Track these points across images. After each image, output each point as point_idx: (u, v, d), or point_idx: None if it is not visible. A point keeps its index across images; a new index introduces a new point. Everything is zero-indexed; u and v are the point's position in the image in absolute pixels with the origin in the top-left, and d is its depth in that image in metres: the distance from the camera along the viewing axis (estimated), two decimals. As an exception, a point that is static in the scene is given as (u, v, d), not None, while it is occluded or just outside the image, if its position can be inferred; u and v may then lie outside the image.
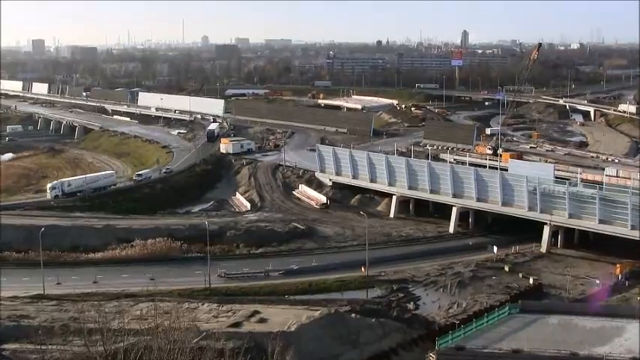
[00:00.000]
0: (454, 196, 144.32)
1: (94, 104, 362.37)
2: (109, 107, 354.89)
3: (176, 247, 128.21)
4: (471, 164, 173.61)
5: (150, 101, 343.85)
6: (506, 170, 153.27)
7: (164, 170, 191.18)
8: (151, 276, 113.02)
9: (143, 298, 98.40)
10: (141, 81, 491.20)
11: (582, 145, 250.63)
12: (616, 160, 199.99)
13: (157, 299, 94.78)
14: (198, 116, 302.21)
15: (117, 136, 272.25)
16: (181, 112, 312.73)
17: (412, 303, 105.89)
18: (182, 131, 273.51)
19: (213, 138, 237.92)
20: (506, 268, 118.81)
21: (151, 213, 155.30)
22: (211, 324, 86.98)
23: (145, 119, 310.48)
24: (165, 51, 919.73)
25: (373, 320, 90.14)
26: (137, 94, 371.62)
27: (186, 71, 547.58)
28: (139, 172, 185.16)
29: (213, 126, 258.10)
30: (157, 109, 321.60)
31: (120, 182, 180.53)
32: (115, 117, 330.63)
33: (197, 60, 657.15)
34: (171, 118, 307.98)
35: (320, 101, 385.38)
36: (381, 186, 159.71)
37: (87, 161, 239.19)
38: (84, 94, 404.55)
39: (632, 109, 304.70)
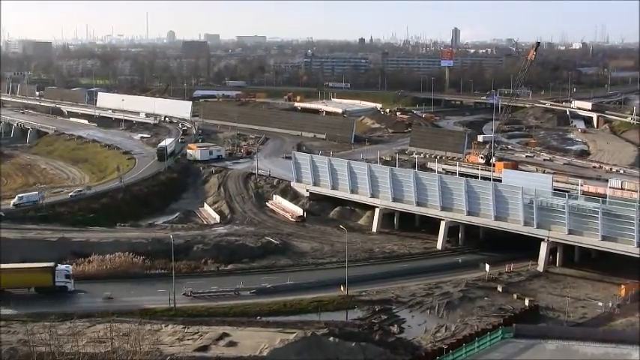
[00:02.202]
0: (443, 209, 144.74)
1: (48, 105, 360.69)
2: (65, 108, 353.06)
3: (138, 262, 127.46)
4: (462, 174, 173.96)
5: (110, 102, 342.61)
6: (500, 181, 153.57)
7: (74, 192, 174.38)
8: (109, 294, 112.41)
9: (100, 318, 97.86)
10: (100, 80, 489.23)
11: (584, 154, 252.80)
12: (621, 171, 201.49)
13: (116, 320, 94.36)
14: (168, 119, 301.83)
15: (73, 140, 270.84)
16: (145, 114, 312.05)
17: (396, 326, 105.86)
18: (145, 135, 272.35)
19: (164, 156, 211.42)
20: (500, 289, 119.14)
21: (110, 225, 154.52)
22: (176, 347, 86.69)
23: (105, 122, 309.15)
24: (128, 47, 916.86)
25: (353, 344, 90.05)
26: (96, 95, 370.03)
27: (150, 70, 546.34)
28: (20, 195, 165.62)
29: (167, 141, 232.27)
30: (118, 111, 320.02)
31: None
32: (72, 119, 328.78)
33: (162, 58, 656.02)
34: (133, 121, 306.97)
35: (297, 104, 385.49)
36: (363, 197, 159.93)
37: (40, 168, 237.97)
38: (37, 93, 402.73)
39: None
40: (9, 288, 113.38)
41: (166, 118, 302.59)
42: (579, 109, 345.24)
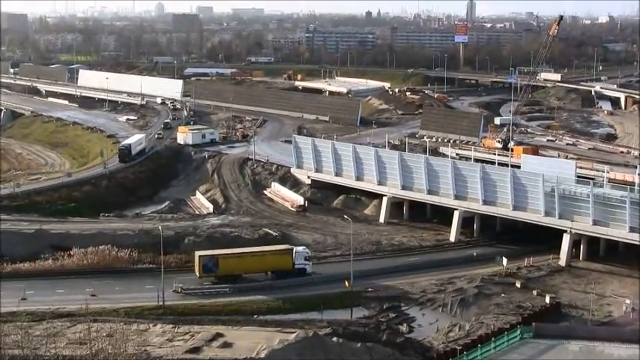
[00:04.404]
0: (456, 197, 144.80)
1: (24, 83, 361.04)
2: (43, 87, 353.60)
3: (123, 256, 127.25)
4: (477, 160, 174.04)
5: (93, 81, 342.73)
6: (519, 167, 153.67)
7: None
8: (92, 291, 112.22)
9: (82, 318, 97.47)
10: (82, 56, 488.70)
11: (610, 138, 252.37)
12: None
13: (99, 319, 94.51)
14: (160, 100, 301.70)
15: (52, 122, 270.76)
16: (131, 94, 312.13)
17: (405, 325, 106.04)
18: (132, 117, 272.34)
19: (128, 157, 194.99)
20: (518, 284, 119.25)
21: (92, 215, 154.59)
22: (165, 349, 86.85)
23: (87, 102, 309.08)
24: (112, 20, 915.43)
25: (359, 345, 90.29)
26: (77, 72, 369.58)
27: (137, 45, 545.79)
28: None
29: (132, 139, 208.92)
30: (101, 91, 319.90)
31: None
32: (50, 99, 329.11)
33: (150, 32, 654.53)
34: (118, 101, 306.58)
35: (297, 83, 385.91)
36: (370, 185, 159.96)
37: (15, 152, 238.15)
38: (11, 70, 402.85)
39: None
40: (248, 273, 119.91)
41: (168, 102, 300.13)
42: (603, 89, 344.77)
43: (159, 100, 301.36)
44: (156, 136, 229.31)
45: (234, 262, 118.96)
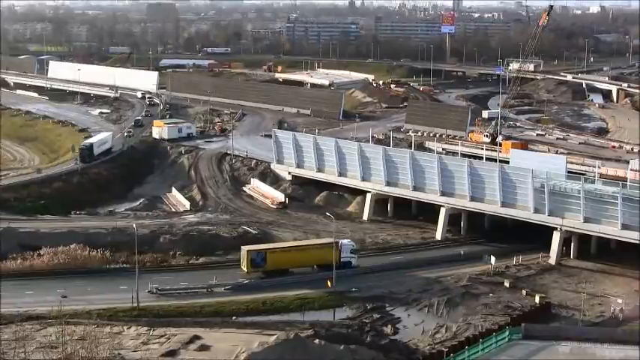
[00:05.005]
0: (443, 194, 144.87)
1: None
2: (11, 79, 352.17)
3: (96, 256, 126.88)
4: (464, 155, 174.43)
5: (64, 72, 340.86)
6: (508, 163, 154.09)
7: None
8: (63, 292, 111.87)
9: (52, 320, 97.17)
10: (52, 47, 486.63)
11: (602, 132, 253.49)
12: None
13: (70, 322, 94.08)
14: (140, 94, 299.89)
15: (21, 115, 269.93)
16: (104, 86, 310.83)
17: (390, 326, 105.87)
18: (105, 111, 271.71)
19: (89, 157, 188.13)
20: (507, 284, 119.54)
21: (63, 213, 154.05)
22: (139, 352, 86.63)
23: (58, 95, 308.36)
24: (84, 9, 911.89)
25: (342, 347, 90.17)
26: (47, 64, 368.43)
27: (110, 36, 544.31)
28: None
29: (95, 138, 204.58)
30: (73, 83, 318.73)
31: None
32: (19, 92, 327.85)
33: (124, 22, 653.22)
34: (90, 94, 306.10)
35: (278, 75, 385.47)
36: (353, 181, 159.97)
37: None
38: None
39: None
40: (295, 267, 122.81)
41: (148, 96, 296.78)
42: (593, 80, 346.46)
43: (139, 95, 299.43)
44: (125, 134, 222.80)
45: (281, 257, 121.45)
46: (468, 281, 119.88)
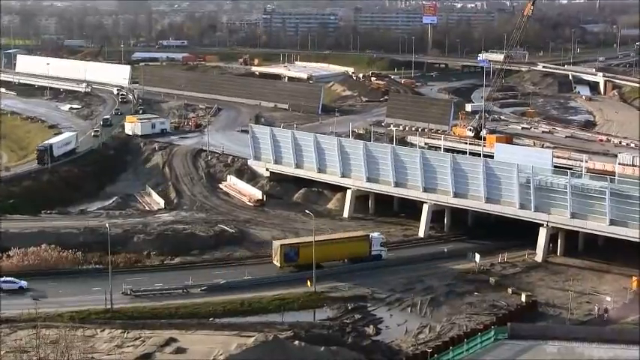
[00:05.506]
0: (425, 190, 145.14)
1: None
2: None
3: (67, 256, 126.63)
4: (447, 150, 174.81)
5: (32, 67, 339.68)
6: (492, 157, 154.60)
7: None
8: (33, 294, 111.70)
9: (22, 324, 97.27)
10: (20, 40, 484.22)
11: (589, 125, 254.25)
12: (632, 145, 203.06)
13: (42, 325, 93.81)
14: (116, 90, 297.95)
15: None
16: (74, 81, 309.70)
17: (372, 326, 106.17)
18: (75, 106, 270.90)
19: (45, 160, 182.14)
20: (492, 282, 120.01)
21: (33, 212, 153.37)
22: (113, 355, 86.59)
23: (26, 90, 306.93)
24: (52, 1, 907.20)
25: (322, 349, 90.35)
26: (15, 57, 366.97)
27: (80, 28, 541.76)
28: None
29: (56, 138, 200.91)
30: (42, 77, 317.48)
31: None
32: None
33: (94, 14, 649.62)
34: (60, 89, 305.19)
35: (254, 69, 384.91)
36: (333, 177, 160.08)
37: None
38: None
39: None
40: (327, 261, 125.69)
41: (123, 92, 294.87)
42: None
43: (115, 91, 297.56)
44: (92, 133, 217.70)
45: (314, 251, 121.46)
46: (452, 280, 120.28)
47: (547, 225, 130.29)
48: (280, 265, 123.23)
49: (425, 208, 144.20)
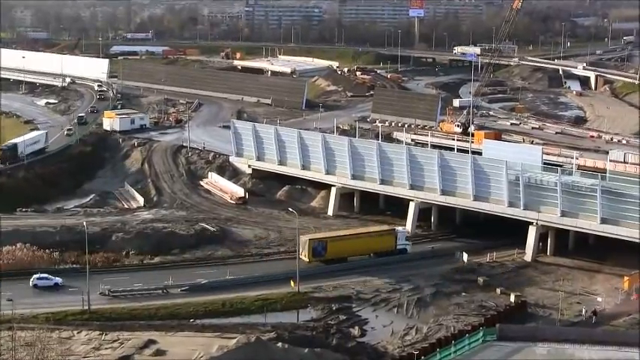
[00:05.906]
0: (412, 187, 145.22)
1: None
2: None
3: (43, 256, 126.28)
4: (434, 146, 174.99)
5: (7, 60, 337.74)
6: (481, 154, 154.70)
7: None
8: (8, 296, 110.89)
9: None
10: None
11: (579, 121, 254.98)
12: (623, 141, 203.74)
13: (18, 327, 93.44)
14: (97, 85, 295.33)
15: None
16: (51, 75, 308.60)
17: (357, 328, 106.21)
18: (52, 101, 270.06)
19: (13, 158, 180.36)
20: (480, 282, 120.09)
21: (8, 210, 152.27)
22: (91, 358, 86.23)
23: (1, 84, 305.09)
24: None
25: (306, 351, 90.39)
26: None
27: (57, 21, 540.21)
28: None
29: (23, 137, 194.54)
30: (17, 71, 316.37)
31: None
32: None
33: (72, 6, 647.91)
34: (36, 83, 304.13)
35: (236, 63, 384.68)
36: (317, 174, 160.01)
37: None
38: None
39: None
40: (354, 255, 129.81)
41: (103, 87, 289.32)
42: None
43: (96, 87, 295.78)
44: (65, 132, 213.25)
45: (342, 245, 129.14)
46: (439, 280, 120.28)
47: (537, 223, 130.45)
48: (308, 260, 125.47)
49: (411, 206, 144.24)
